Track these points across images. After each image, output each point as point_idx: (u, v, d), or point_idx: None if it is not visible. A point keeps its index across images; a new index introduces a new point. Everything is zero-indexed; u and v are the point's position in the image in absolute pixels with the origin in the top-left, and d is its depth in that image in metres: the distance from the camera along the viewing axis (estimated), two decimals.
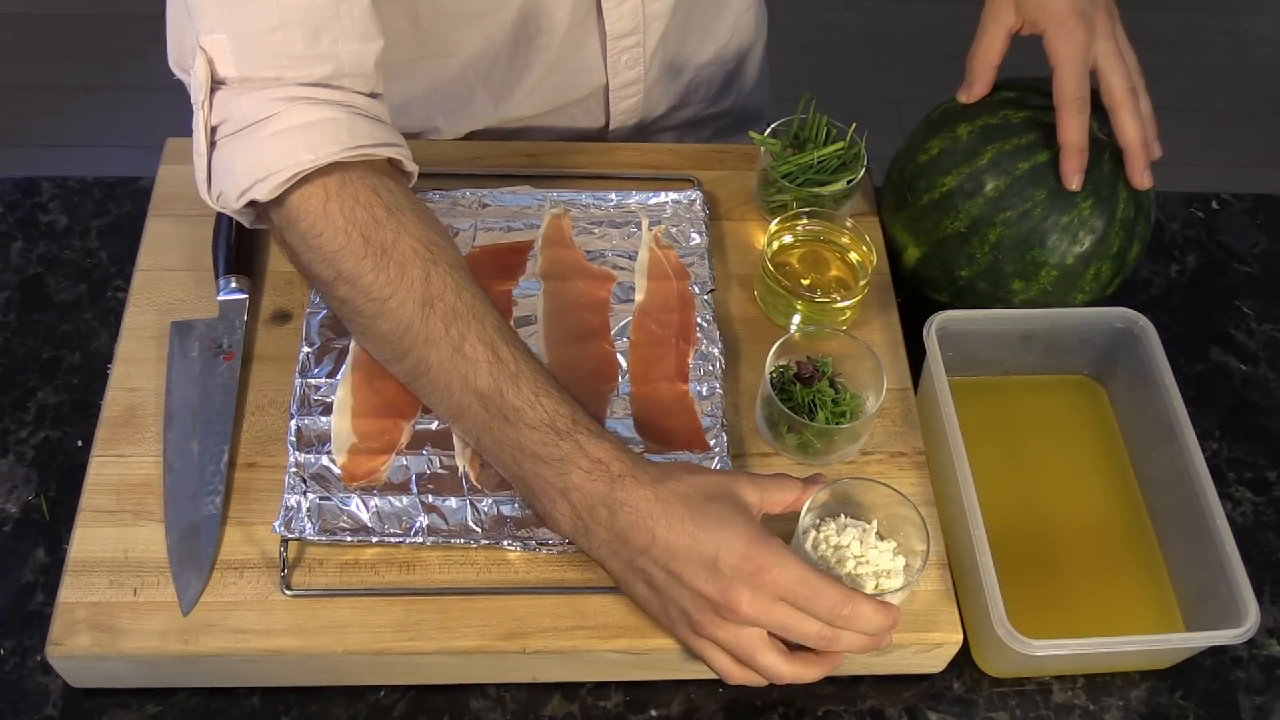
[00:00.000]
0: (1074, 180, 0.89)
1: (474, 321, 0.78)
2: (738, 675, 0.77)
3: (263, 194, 0.77)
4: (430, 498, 0.83)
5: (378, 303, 0.78)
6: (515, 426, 0.77)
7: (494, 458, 0.80)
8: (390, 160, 0.82)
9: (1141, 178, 0.91)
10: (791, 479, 0.80)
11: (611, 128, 1.13)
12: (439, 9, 0.99)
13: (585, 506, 0.76)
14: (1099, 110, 0.91)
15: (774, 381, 0.88)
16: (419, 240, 0.79)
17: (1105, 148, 0.91)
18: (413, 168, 0.84)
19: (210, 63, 0.76)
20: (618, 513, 0.75)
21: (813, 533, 0.83)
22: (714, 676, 0.84)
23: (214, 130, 0.78)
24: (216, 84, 0.77)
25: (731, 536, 0.73)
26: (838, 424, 0.87)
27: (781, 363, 0.90)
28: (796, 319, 0.94)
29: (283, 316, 0.93)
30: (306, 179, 0.77)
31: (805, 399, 0.88)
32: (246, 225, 0.83)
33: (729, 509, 0.75)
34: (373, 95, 0.82)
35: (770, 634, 0.76)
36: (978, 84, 0.94)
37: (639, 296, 0.95)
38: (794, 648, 0.77)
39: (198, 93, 0.77)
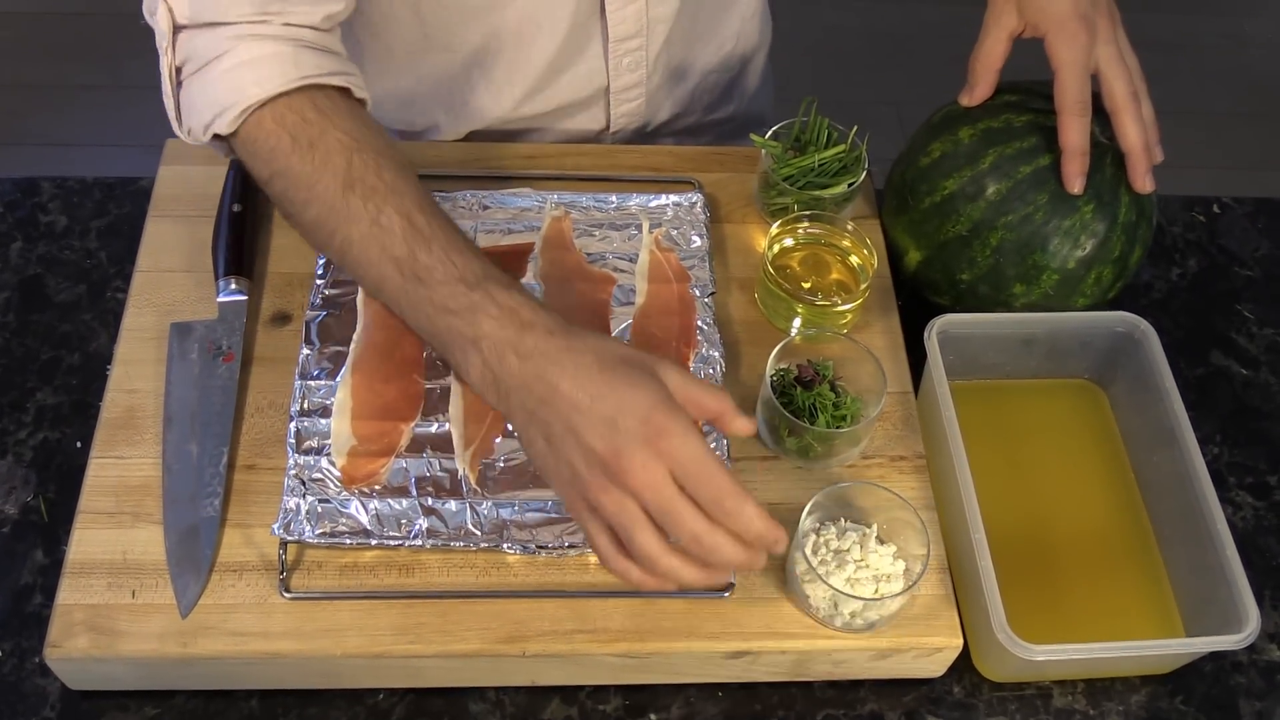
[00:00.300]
0: (1075, 184, 0.89)
1: (391, 195, 0.81)
2: (615, 562, 0.73)
3: (222, 128, 0.82)
4: (430, 500, 0.83)
5: (306, 189, 0.82)
6: (428, 285, 0.78)
7: (413, 322, 0.81)
8: (340, 89, 0.85)
9: (1144, 182, 0.91)
10: (724, 394, 0.75)
11: (612, 130, 1.12)
12: (441, 2, 1.00)
13: (495, 354, 0.75)
14: (1100, 114, 0.91)
15: (774, 385, 0.88)
16: (345, 133, 0.82)
17: (1107, 152, 0.91)
18: (364, 95, 0.87)
19: (170, 11, 0.82)
20: (526, 360, 0.74)
21: (813, 536, 0.83)
22: (713, 680, 0.84)
23: (179, 71, 0.85)
24: (179, 28, 0.83)
25: (638, 398, 0.71)
26: (838, 428, 0.87)
27: (782, 366, 0.90)
28: (797, 322, 0.94)
29: (282, 318, 0.93)
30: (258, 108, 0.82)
31: (805, 402, 0.88)
32: (222, 156, 0.88)
33: (642, 375, 0.72)
34: (321, 30, 0.86)
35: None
36: (979, 86, 0.94)
37: (639, 299, 0.95)
38: None
39: (161, 39, 0.84)
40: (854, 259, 0.97)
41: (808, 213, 0.97)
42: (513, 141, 1.07)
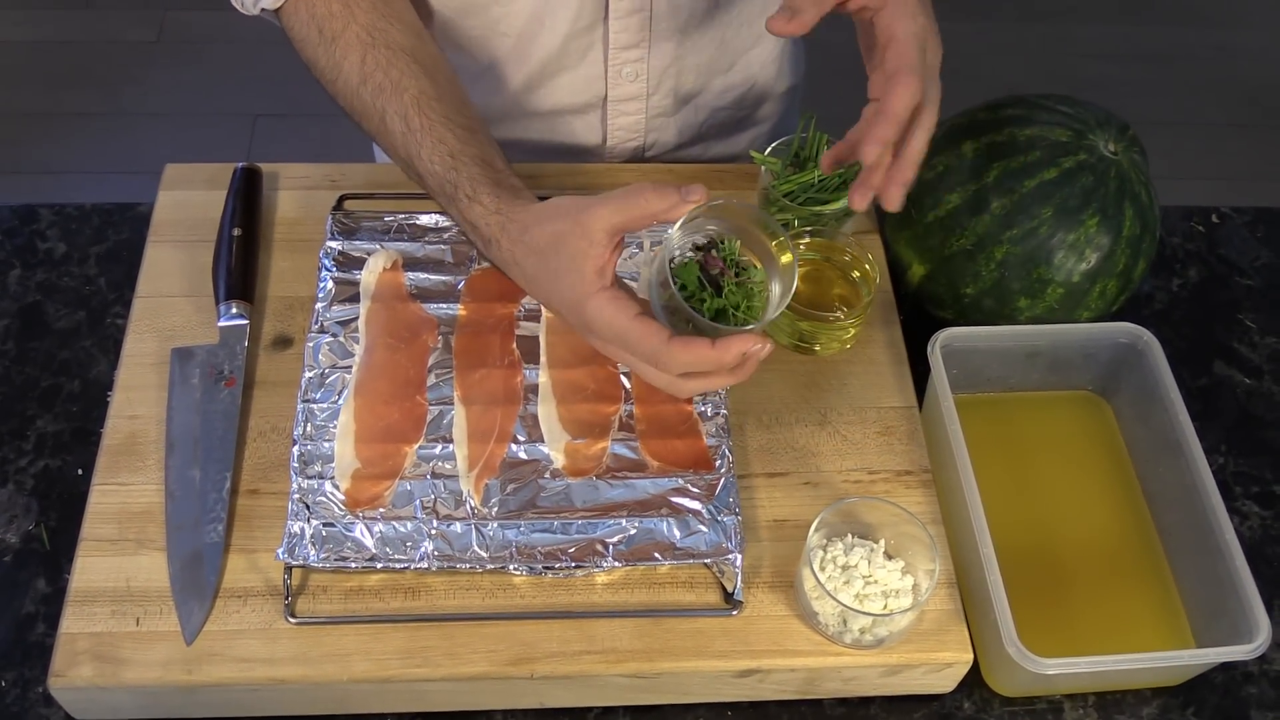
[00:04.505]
0: (871, 152, 0.77)
1: (394, 95, 0.86)
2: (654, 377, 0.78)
3: (268, 2, 0.89)
4: (435, 522, 0.82)
5: (330, 83, 0.89)
6: (429, 191, 0.87)
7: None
8: None
9: (861, 198, 0.81)
10: (652, 188, 0.74)
11: (609, 144, 1.12)
12: None
13: (491, 256, 0.85)
14: (1111, 127, 0.90)
15: (673, 274, 0.77)
16: (364, 27, 0.87)
17: (1112, 165, 0.91)
18: None
19: None
20: (505, 266, 0.83)
21: (820, 553, 0.82)
22: (723, 699, 0.83)
23: None
24: None
25: (564, 293, 0.78)
26: (742, 320, 0.77)
27: (679, 252, 0.77)
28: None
29: (284, 342, 0.93)
30: None
31: (711, 309, 0.77)
32: (279, 26, 0.93)
33: (565, 263, 0.77)
34: None
35: None
36: (806, 10, 0.78)
37: None
38: None
39: None
40: (855, 274, 0.97)
41: (808, 229, 0.97)
42: (509, 150, 1.07)
